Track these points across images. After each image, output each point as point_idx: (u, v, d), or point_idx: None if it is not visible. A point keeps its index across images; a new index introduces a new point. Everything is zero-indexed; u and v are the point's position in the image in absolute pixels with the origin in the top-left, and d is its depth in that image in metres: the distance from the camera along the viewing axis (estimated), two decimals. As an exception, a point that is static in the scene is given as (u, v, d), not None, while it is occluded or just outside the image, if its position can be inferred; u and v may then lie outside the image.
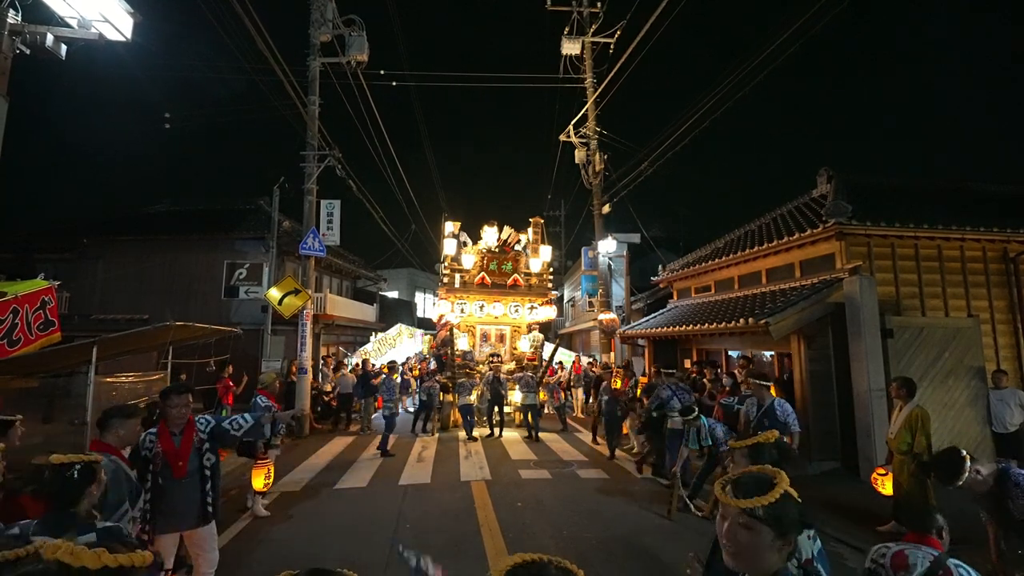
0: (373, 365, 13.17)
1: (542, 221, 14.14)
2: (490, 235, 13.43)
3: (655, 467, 7.02)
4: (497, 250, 13.44)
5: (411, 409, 12.70)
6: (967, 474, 2.50)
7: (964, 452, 2.78)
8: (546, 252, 13.80)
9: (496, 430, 10.18)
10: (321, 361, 13.67)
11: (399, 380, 11.71)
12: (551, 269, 14.32)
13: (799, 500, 1.22)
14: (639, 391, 8.86)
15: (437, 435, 10.26)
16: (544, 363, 12.29)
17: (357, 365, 13.18)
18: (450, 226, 13.27)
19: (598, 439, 9.39)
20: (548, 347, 14.60)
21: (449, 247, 13.16)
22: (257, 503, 5.47)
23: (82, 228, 15.68)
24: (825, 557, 1.71)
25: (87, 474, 1.90)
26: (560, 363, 13.86)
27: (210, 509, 3.17)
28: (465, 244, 13.49)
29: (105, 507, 2.26)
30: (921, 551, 2.05)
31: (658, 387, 7.03)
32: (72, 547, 1.03)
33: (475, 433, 10.04)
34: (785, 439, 4.97)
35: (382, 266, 24.79)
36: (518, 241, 13.71)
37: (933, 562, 1.98)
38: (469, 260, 13.15)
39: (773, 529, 1.16)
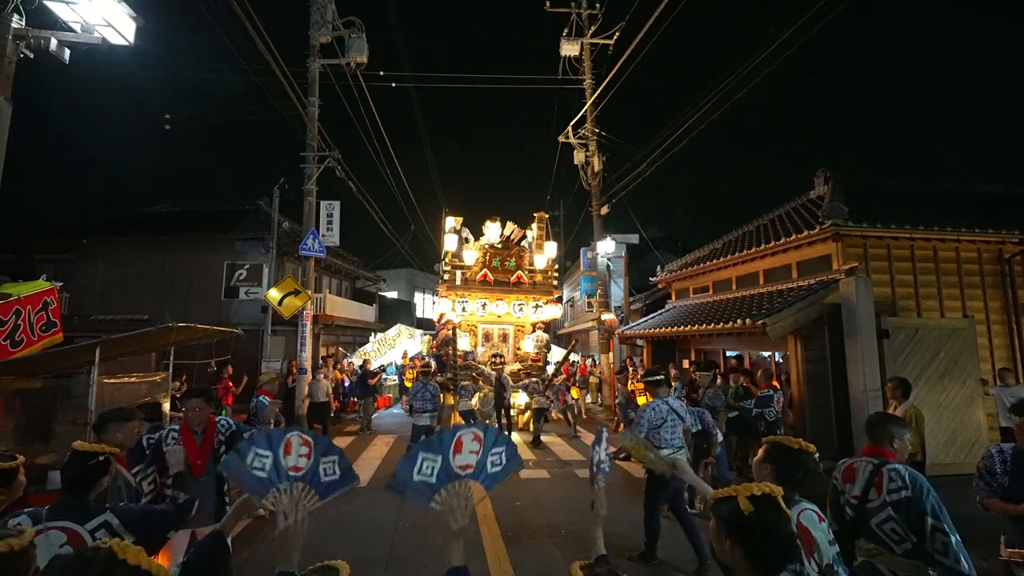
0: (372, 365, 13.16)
1: (547, 216, 13.58)
2: (493, 231, 12.95)
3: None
4: (500, 246, 12.95)
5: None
6: None
7: None
8: (551, 248, 13.30)
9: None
10: (321, 361, 13.70)
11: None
12: (556, 266, 13.82)
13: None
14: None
15: None
16: (557, 364, 11.82)
17: (351, 365, 13.20)
18: (451, 221, 12.79)
19: None
20: (554, 349, 14.15)
21: (450, 243, 12.66)
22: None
23: (82, 229, 15.72)
24: (843, 561, 1.75)
25: (105, 465, 2.01)
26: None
27: (228, 509, 3.26)
28: (467, 240, 13.03)
29: None
30: (864, 461, 2.24)
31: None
32: (119, 541, 1.12)
33: None
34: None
35: (381, 267, 24.83)
36: (523, 236, 13.21)
37: (872, 470, 2.17)
38: (471, 256, 12.67)
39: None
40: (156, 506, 2.51)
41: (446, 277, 12.70)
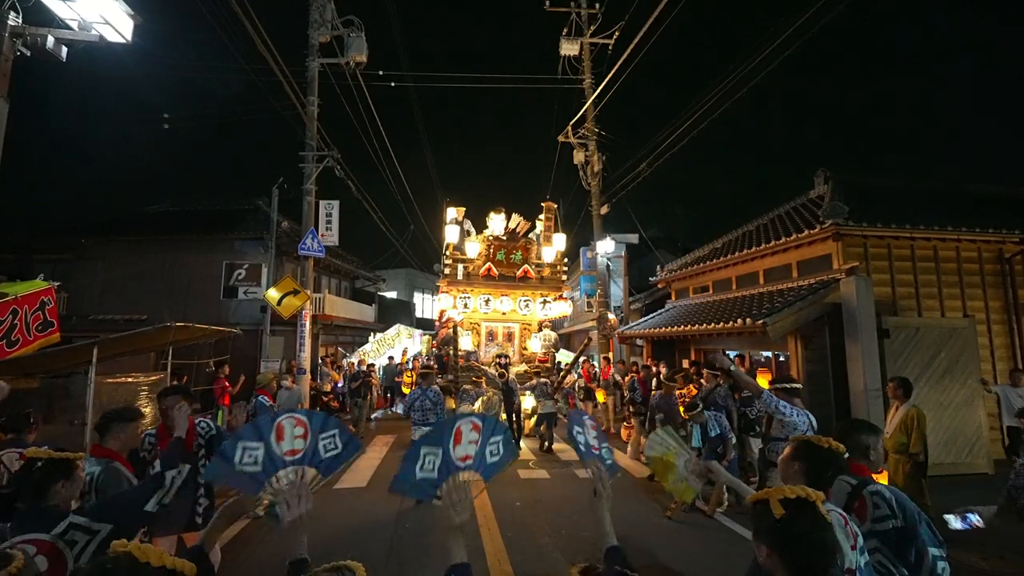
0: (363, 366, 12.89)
1: (555, 206, 12.68)
2: (497, 223, 12.21)
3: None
4: (506, 238, 12.12)
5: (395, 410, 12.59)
6: None
7: None
8: (560, 240, 12.34)
9: (515, 440, 8.99)
10: (320, 361, 13.67)
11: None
12: (565, 259, 12.89)
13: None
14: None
15: None
16: (569, 365, 11.02)
17: (352, 365, 13.01)
18: (452, 212, 12.02)
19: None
20: (563, 352, 13.51)
21: (451, 234, 11.78)
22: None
23: (81, 229, 15.69)
24: (872, 573, 1.64)
25: (52, 469, 1.89)
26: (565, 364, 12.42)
27: (199, 520, 3.09)
28: (469, 233, 12.32)
29: None
30: (839, 481, 1.94)
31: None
32: (139, 544, 1.11)
33: None
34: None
35: (381, 266, 24.83)
36: (530, 228, 12.50)
37: (850, 492, 1.90)
38: (474, 249, 11.87)
39: None
40: (122, 491, 2.42)
41: (447, 271, 11.79)
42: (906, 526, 1.77)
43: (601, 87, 12.18)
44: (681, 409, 6.59)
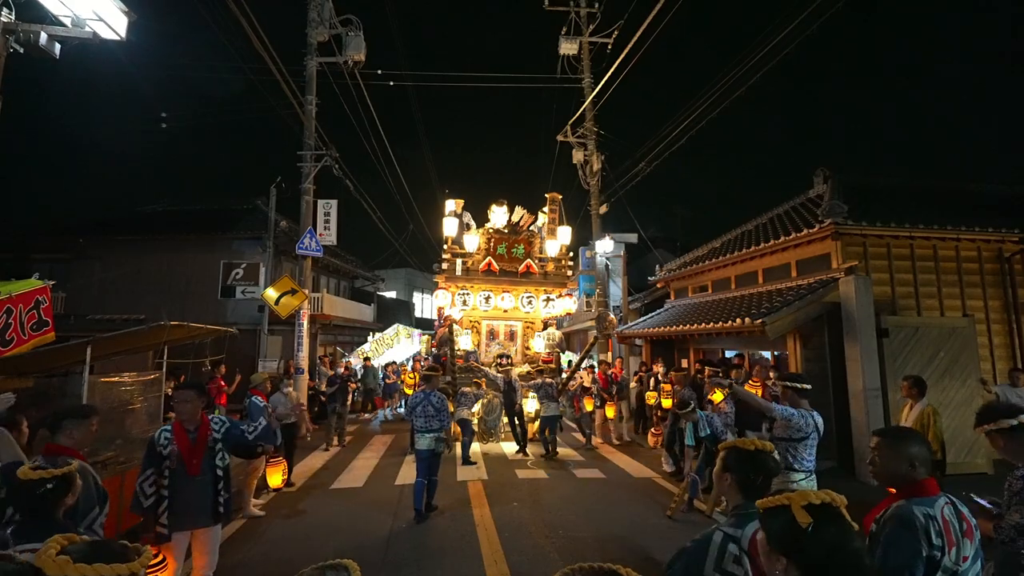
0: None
1: (560, 197, 12.07)
2: (499, 216, 11.58)
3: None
4: (507, 231, 11.58)
5: (400, 411, 12.55)
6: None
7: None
8: (565, 233, 11.74)
9: (520, 444, 8.71)
10: (318, 360, 13.63)
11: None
12: (570, 254, 12.35)
13: None
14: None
15: None
16: (572, 367, 10.41)
17: (345, 364, 12.94)
18: (451, 204, 11.45)
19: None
20: (567, 353, 13.17)
21: (450, 227, 11.24)
22: (250, 504, 5.44)
23: (79, 228, 15.66)
24: None
25: (64, 485, 1.89)
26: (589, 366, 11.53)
27: (221, 510, 3.25)
28: (469, 227, 11.86)
29: (76, 514, 2.22)
30: (944, 506, 1.61)
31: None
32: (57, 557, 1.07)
33: (480, 449, 8.71)
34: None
35: (380, 266, 24.80)
36: (533, 221, 12.01)
37: (955, 513, 1.62)
38: (473, 243, 11.30)
39: None
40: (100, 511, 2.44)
41: (445, 266, 11.24)
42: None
43: (600, 86, 12.13)
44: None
